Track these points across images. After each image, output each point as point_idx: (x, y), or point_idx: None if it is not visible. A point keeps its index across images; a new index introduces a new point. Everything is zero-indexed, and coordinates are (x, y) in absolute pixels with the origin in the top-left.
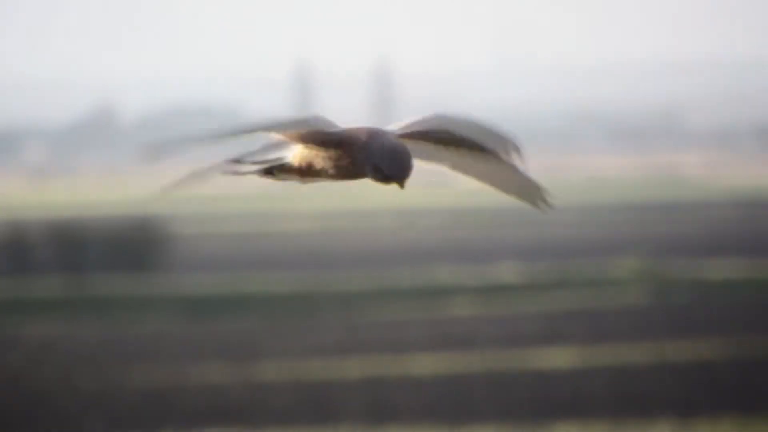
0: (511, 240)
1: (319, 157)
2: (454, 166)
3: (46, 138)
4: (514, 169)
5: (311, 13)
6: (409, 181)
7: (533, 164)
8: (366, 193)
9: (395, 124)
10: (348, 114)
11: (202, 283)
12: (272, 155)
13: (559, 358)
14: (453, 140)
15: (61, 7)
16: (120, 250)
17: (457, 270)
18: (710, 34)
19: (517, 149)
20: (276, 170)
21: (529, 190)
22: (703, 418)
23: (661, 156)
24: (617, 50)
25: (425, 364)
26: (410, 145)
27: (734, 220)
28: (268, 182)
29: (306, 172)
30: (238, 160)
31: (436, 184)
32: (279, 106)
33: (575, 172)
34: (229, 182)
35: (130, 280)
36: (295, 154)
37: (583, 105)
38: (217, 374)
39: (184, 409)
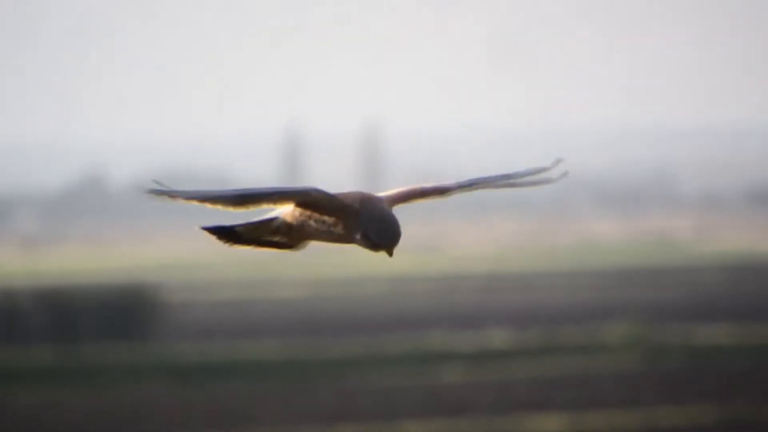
0: (502, 306)
1: (312, 220)
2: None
3: (36, 205)
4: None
5: (299, 78)
6: (398, 249)
7: (523, 228)
8: (356, 259)
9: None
10: (337, 177)
11: (193, 351)
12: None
13: (550, 424)
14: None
15: (50, 73)
16: (111, 318)
17: (448, 336)
18: (700, 100)
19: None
20: (269, 232)
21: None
22: None
23: (652, 221)
24: (607, 115)
25: (417, 431)
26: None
27: (725, 285)
28: (260, 249)
29: (298, 232)
30: (228, 228)
31: (426, 250)
32: (267, 170)
33: (565, 236)
34: (221, 248)
35: (121, 348)
36: (288, 213)
37: (573, 169)
38: None
39: None
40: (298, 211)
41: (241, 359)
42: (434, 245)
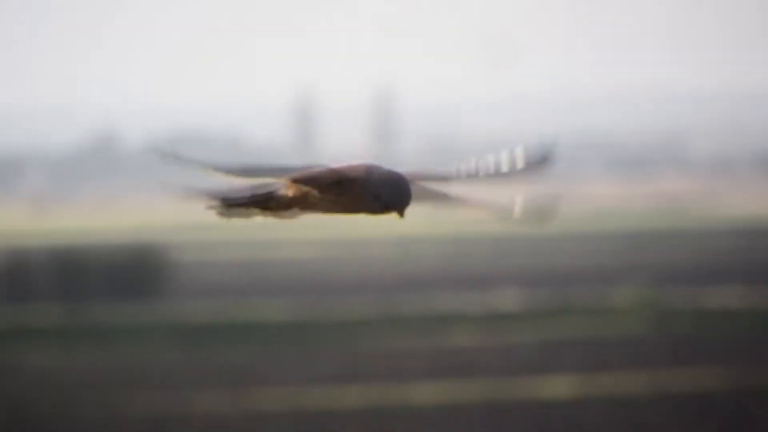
0: (511, 268)
1: (313, 192)
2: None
3: (47, 166)
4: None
5: (311, 41)
6: (408, 212)
7: (534, 192)
8: (365, 221)
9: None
10: (349, 142)
11: (201, 311)
12: (264, 191)
13: (558, 387)
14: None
15: (60, 35)
16: (120, 277)
17: (457, 298)
18: (711, 64)
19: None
20: (269, 203)
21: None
22: None
23: (662, 185)
24: (617, 79)
25: (425, 393)
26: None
27: (734, 249)
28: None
29: (300, 203)
30: (229, 198)
31: (436, 212)
32: (279, 133)
33: (575, 200)
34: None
35: (129, 307)
36: (290, 186)
37: (583, 133)
38: (216, 402)
39: None
40: (298, 193)
41: (249, 320)
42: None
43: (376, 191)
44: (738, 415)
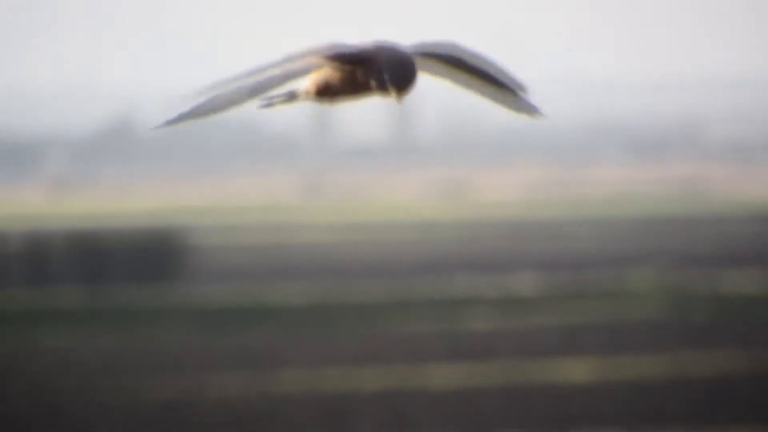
0: (529, 252)
1: (334, 78)
2: (456, 83)
3: (66, 149)
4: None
5: (327, 20)
6: (423, 190)
7: (552, 176)
8: (384, 205)
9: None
10: (366, 124)
11: (220, 294)
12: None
13: (576, 370)
14: (463, 68)
15: (79, 17)
16: (139, 260)
17: (475, 282)
18: (731, 48)
19: (522, 88)
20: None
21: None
22: None
23: (681, 169)
24: (636, 63)
25: (442, 376)
26: (420, 62)
27: (753, 234)
28: (286, 192)
29: (323, 92)
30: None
31: (452, 195)
32: (297, 112)
33: (593, 185)
34: (247, 192)
35: (149, 291)
36: (310, 77)
37: (601, 118)
38: (235, 385)
39: (202, 421)
40: (321, 71)
41: (268, 303)
42: (460, 191)
43: (379, 68)
44: (756, 399)
